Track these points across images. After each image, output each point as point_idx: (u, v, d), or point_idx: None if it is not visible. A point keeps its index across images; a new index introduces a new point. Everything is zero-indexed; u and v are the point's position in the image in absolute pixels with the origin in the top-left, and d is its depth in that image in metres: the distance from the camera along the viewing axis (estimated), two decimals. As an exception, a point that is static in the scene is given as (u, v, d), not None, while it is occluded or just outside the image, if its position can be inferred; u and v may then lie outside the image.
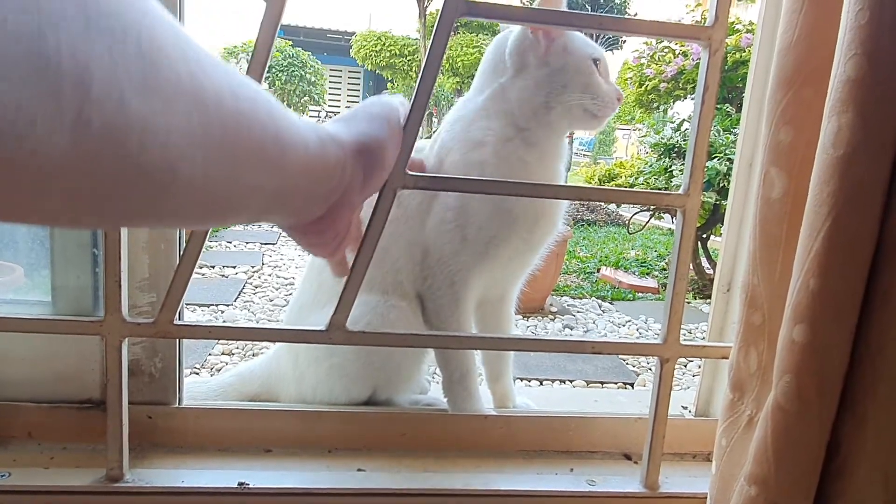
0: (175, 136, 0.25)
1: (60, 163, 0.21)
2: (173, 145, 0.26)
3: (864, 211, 0.42)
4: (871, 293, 0.43)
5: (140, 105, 0.23)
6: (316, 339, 0.62)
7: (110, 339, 0.60)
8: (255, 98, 0.32)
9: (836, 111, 0.42)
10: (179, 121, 0.25)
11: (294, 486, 0.64)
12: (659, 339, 0.64)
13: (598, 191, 0.66)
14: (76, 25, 0.20)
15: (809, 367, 0.44)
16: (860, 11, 0.41)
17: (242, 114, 0.30)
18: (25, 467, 0.64)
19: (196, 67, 0.26)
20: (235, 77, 0.30)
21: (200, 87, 0.27)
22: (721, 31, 0.59)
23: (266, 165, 0.34)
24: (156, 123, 0.24)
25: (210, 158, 0.29)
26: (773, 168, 0.54)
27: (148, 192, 0.26)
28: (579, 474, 0.69)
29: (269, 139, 0.33)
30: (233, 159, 0.31)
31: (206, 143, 0.28)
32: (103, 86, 0.21)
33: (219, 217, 0.35)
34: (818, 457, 0.45)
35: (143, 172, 0.25)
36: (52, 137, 0.20)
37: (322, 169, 0.41)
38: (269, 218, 0.41)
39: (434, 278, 0.76)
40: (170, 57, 0.25)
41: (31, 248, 0.71)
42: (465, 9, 0.56)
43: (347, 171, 0.44)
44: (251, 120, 0.31)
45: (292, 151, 0.36)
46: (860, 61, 0.41)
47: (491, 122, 0.77)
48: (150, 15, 0.24)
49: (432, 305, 0.77)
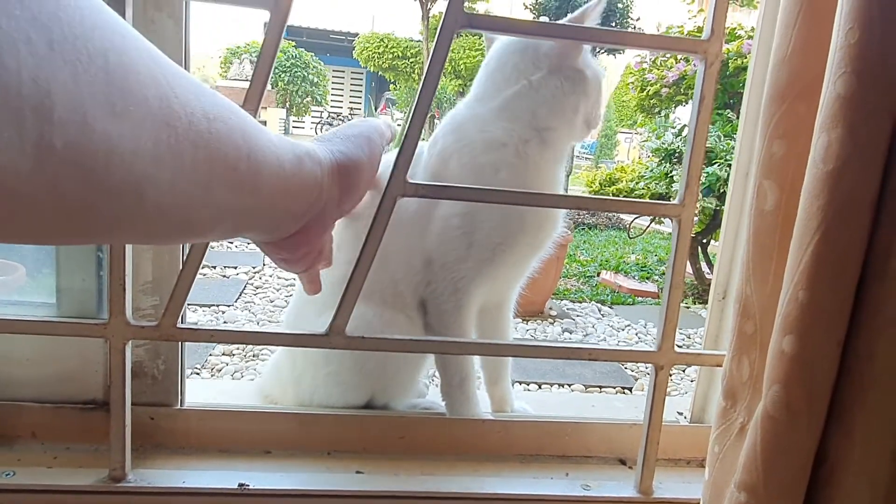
0: (142, 159, 0.26)
1: (25, 184, 0.21)
2: (140, 167, 0.26)
3: (853, 225, 0.43)
4: (860, 305, 0.44)
5: (105, 128, 0.23)
6: (316, 344, 0.63)
7: (114, 342, 0.61)
8: (228, 119, 0.32)
9: (827, 127, 0.43)
10: (147, 143, 0.26)
11: (293, 487, 0.65)
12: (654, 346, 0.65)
13: (596, 200, 0.67)
14: (39, 49, 0.20)
15: (798, 377, 0.45)
16: (850, 30, 0.42)
17: (214, 135, 0.30)
18: (29, 466, 0.65)
19: (167, 90, 0.27)
20: (210, 97, 0.31)
21: (170, 109, 0.27)
22: (717, 45, 0.60)
23: (238, 185, 0.34)
24: (122, 146, 0.24)
25: (179, 180, 0.29)
26: (766, 180, 0.55)
27: (115, 213, 0.27)
28: (574, 479, 0.70)
29: (242, 160, 0.34)
30: (204, 180, 0.31)
31: (174, 165, 0.28)
32: (66, 109, 0.21)
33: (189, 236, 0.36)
34: (806, 465, 0.46)
35: (109, 194, 0.25)
36: (14, 161, 0.20)
37: (298, 187, 0.42)
38: (242, 235, 0.42)
39: (437, 284, 0.77)
40: (139, 79, 0.25)
41: (37, 250, 0.73)
42: (466, 21, 0.57)
43: (324, 190, 0.45)
44: (223, 141, 0.31)
45: (266, 171, 0.37)
46: (850, 79, 0.42)
47: (513, 124, 0.77)
48: (120, 36, 0.24)
49: (435, 311, 0.78)
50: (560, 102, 0.77)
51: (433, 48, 0.58)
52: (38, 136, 0.20)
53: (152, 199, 0.28)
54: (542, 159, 0.78)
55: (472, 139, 0.77)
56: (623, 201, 0.68)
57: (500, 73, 0.79)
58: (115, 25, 0.24)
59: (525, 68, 0.77)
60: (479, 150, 0.76)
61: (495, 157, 0.75)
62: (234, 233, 0.39)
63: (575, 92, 0.78)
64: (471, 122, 0.78)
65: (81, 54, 0.22)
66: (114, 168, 0.24)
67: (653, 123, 4.39)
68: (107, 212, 0.26)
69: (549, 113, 0.77)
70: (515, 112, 0.77)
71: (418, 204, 0.76)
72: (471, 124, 0.78)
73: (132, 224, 0.29)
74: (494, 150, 0.75)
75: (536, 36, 0.72)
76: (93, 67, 0.22)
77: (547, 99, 0.77)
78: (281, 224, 0.43)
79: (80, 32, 0.22)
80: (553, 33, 0.63)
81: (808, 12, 0.51)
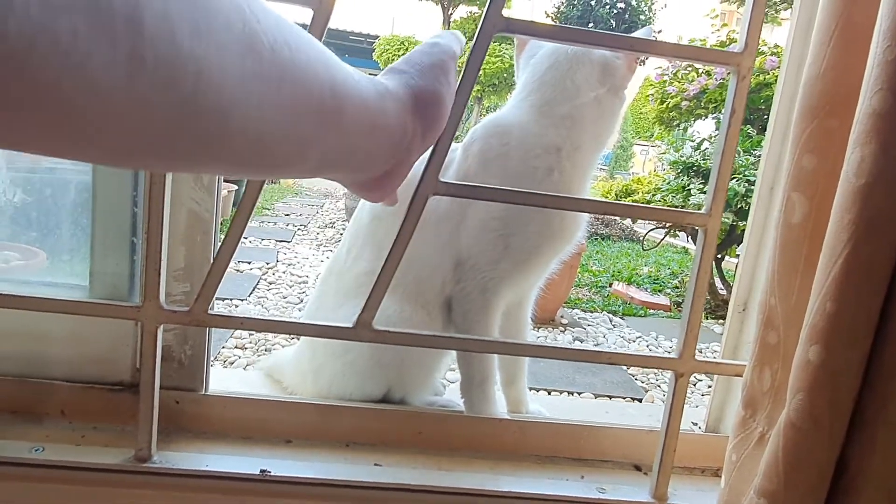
0: (228, 81, 0.26)
1: (117, 98, 0.21)
2: (227, 90, 0.26)
3: (883, 239, 0.43)
4: (886, 319, 0.45)
5: (193, 47, 0.23)
6: (343, 336, 0.64)
7: (147, 325, 0.62)
8: (309, 51, 0.31)
9: (860, 142, 0.44)
10: (233, 66, 0.26)
11: (313, 476, 0.66)
12: (673, 353, 0.66)
13: (623, 206, 0.68)
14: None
15: (822, 386, 0.45)
16: (888, 48, 0.43)
17: (298, 65, 0.30)
18: (58, 443, 0.66)
19: (250, 16, 0.26)
20: (291, 29, 0.30)
21: (254, 34, 0.27)
22: (750, 59, 0.61)
23: (323, 119, 0.34)
24: (209, 66, 0.24)
25: (264, 107, 0.29)
26: (795, 193, 0.55)
27: (201, 136, 0.27)
28: (590, 482, 0.71)
29: (326, 93, 0.33)
30: (288, 110, 0.31)
31: (260, 91, 0.28)
32: (155, 24, 0.21)
33: (273, 169, 0.35)
34: (827, 474, 0.47)
35: (196, 114, 0.25)
36: (108, 71, 0.20)
37: (383, 126, 0.41)
38: (329, 174, 0.41)
39: (467, 283, 0.78)
40: (221, 2, 0.25)
41: (73, 233, 0.75)
42: (504, 25, 0.59)
43: (408, 128, 0.43)
44: (307, 72, 0.31)
45: (351, 107, 0.36)
46: (886, 96, 0.43)
47: (570, 131, 0.81)
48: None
49: (461, 309, 0.79)
50: (613, 118, 0.84)
51: (471, 50, 0.59)
52: (130, 49, 0.20)
53: (238, 125, 0.28)
54: (586, 166, 0.83)
55: (527, 141, 0.79)
56: (652, 208, 0.68)
57: (569, 82, 0.81)
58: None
59: (593, 83, 0.82)
60: (534, 152, 0.79)
61: (551, 160, 0.79)
62: (319, 171, 0.38)
63: (620, 112, 0.84)
64: (524, 125, 0.81)
65: None
66: (201, 88, 0.24)
67: (671, 136, 4.38)
68: (193, 134, 0.26)
69: (606, 127, 0.83)
70: (577, 121, 0.81)
71: (450, 204, 0.78)
72: (524, 128, 0.81)
73: (218, 149, 0.29)
74: (549, 154, 0.79)
75: (568, 42, 0.73)
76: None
77: (606, 114, 0.83)
78: (367, 165, 0.42)
79: None
80: (584, 40, 0.64)
81: (844, 31, 0.52)
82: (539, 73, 0.84)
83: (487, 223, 0.77)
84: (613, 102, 0.83)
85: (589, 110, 0.81)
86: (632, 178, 5.05)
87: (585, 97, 0.81)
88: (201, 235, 0.70)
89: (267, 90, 0.28)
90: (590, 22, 8.48)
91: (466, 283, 0.78)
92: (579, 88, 0.81)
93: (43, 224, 0.76)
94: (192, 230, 0.70)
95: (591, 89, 0.81)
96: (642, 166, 12.63)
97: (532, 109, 0.82)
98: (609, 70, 0.82)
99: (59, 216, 0.75)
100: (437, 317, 0.81)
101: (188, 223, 0.70)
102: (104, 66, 0.20)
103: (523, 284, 0.84)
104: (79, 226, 0.73)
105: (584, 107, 0.81)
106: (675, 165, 3.45)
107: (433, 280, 0.80)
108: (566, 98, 0.81)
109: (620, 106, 0.84)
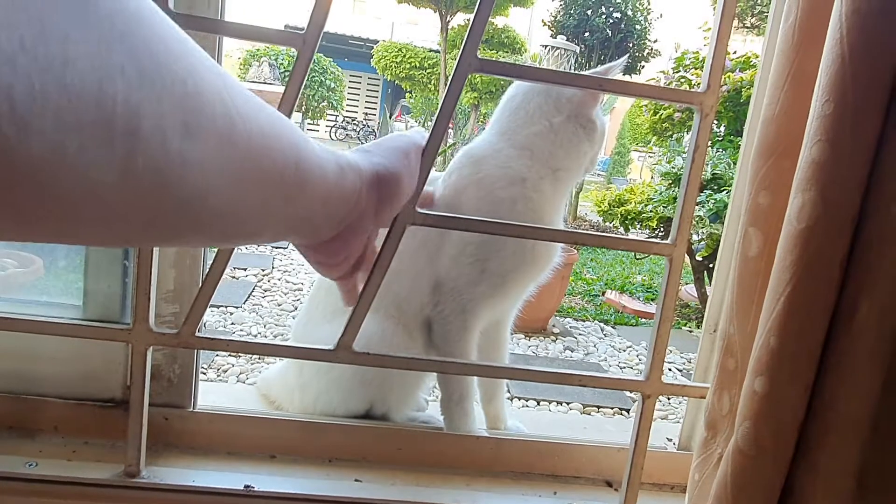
0: (208, 172, 0.29)
1: (111, 195, 0.25)
2: (205, 179, 0.29)
3: (822, 280, 0.47)
4: (827, 354, 0.48)
5: (180, 146, 0.26)
6: (324, 358, 0.67)
7: (136, 347, 0.65)
8: (280, 134, 0.35)
9: (802, 188, 0.47)
10: (214, 157, 0.29)
11: (295, 491, 0.69)
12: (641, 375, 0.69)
13: (591, 236, 0.71)
14: (132, 79, 0.23)
15: (767, 416, 0.48)
16: (826, 102, 0.46)
17: (268, 148, 0.34)
18: (50, 458, 0.69)
19: (231, 109, 0.30)
20: (265, 112, 0.34)
21: (232, 126, 0.30)
22: (712, 98, 0.64)
23: (287, 194, 0.38)
24: (192, 161, 0.27)
25: (236, 189, 0.32)
26: (752, 228, 0.59)
27: (182, 219, 0.30)
28: (562, 498, 0.74)
29: (291, 170, 0.37)
30: (257, 189, 0.34)
31: (234, 178, 0.31)
32: (149, 131, 0.24)
33: (240, 239, 0.39)
34: (772, 498, 0.50)
35: (179, 203, 0.29)
36: (104, 175, 0.24)
37: (339, 196, 0.45)
38: (286, 238, 0.45)
39: (445, 305, 0.81)
40: (210, 100, 0.28)
41: (68, 254, 0.77)
42: (478, 65, 0.62)
43: (363, 198, 0.48)
44: (275, 154, 0.35)
45: (311, 180, 0.40)
46: (823, 147, 0.46)
47: (532, 161, 0.83)
48: (197, 60, 0.28)
49: (440, 330, 0.82)
50: (575, 147, 0.84)
51: (447, 89, 0.63)
52: (124, 154, 0.24)
53: (214, 208, 0.31)
54: (553, 195, 0.85)
55: (491, 173, 0.82)
56: (618, 239, 0.71)
57: (524, 112, 0.84)
58: (193, 50, 0.28)
59: (547, 111, 0.83)
60: (499, 184, 0.81)
61: (514, 192, 0.81)
62: (280, 237, 0.43)
63: (587, 139, 0.85)
64: (491, 157, 0.83)
65: (165, 81, 0.25)
66: (185, 181, 0.28)
67: (667, 144, 4.42)
68: (176, 218, 0.30)
69: (565, 155, 0.84)
70: (535, 150, 0.83)
71: (429, 230, 0.80)
72: (491, 159, 0.83)
73: (196, 228, 0.32)
74: (514, 185, 0.81)
75: (540, 81, 0.76)
76: (174, 93, 0.26)
77: (564, 142, 0.83)
78: (320, 229, 0.47)
79: (163, 61, 0.25)
80: (559, 80, 0.67)
81: (795, 77, 0.55)
82: (502, 104, 0.88)
83: (464, 248, 0.80)
84: (574, 130, 0.83)
85: (543, 139, 0.83)
86: (627, 185, 5.09)
87: (540, 125, 0.83)
88: (190, 259, 0.73)
89: (241, 175, 0.32)
90: (586, 31, 8.53)
91: (445, 306, 0.81)
92: (531, 116, 0.83)
93: (39, 247, 0.79)
94: (181, 255, 0.73)
95: (544, 117, 0.83)
96: (640, 172, 12.69)
97: (498, 138, 0.85)
98: (565, 96, 0.83)
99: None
100: (418, 337, 0.84)
101: (178, 249, 0.73)
102: (101, 170, 0.23)
103: (501, 306, 0.87)
104: (73, 249, 0.76)
105: (539, 135, 0.83)
106: (667, 177, 3.49)
107: (412, 302, 0.83)
108: (519, 127, 0.84)
109: (586, 133, 0.84)
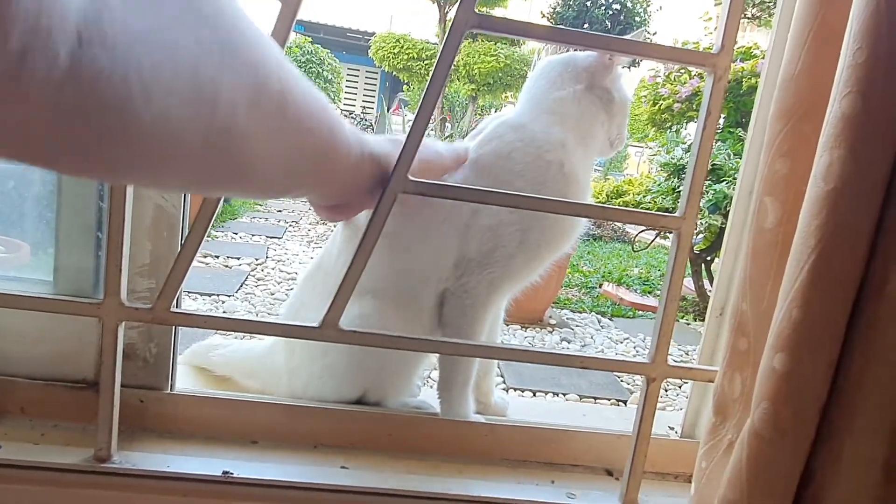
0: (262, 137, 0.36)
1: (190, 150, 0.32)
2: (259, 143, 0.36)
3: (850, 246, 0.42)
4: (853, 328, 0.44)
5: (245, 114, 0.33)
6: (309, 336, 0.63)
7: (107, 322, 0.61)
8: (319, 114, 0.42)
9: (829, 146, 0.43)
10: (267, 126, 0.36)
11: (278, 478, 0.65)
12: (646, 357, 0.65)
13: (599, 209, 0.67)
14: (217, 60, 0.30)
15: (787, 395, 0.44)
16: (858, 50, 0.42)
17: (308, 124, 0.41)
18: (16, 442, 0.65)
19: (285, 89, 0.37)
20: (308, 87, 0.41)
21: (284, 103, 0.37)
22: (726, 59, 0.60)
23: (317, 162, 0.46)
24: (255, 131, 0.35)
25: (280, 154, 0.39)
26: (768, 197, 0.55)
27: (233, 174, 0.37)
28: (560, 486, 0.70)
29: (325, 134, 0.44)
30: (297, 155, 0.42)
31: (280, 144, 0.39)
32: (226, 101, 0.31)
33: (271, 194, 0.46)
34: (791, 485, 0.46)
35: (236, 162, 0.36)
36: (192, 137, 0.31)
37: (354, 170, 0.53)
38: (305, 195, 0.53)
39: (471, 277, 0.78)
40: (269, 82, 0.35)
41: (37, 227, 0.73)
42: (476, 21, 0.57)
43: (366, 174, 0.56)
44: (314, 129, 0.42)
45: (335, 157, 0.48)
46: (855, 99, 0.42)
47: (563, 128, 0.82)
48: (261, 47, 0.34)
49: (459, 304, 0.78)
50: (594, 116, 0.84)
51: (442, 46, 0.58)
52: (207, 121, 0.31)
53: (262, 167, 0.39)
54: (586, 163, 0.84)
55: (538, 137, 0.81)
56: (625, 210, 0.67)
57: (546, 80, 0.84)
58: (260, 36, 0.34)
59: (568, 79, 0.83)
60: (546, 146, 0.80)
61: (560, 154, 0.80)
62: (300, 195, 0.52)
63: (605, 109, 0.84)
64: (530, 123, 0.83)
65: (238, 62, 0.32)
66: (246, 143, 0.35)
67: (663, 138, 4.38)
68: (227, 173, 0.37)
69: (588, 124, 0.83)
70: (564, 118, 0.82)
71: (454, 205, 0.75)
72: (532, 125, 0.82)
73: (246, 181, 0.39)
74: (557, 149, 0.80)
75: (544, 40, 0.72)
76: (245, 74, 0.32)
77: (585, 112, 0.83)
78: (333, 196, 0.57)
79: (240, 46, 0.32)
80: (563, 39, 0.63)
81: (819, 32, 0.51)
82: (529, 79, 0.88)
83: (506, 217, 0.78)
84: (592, 100, 0.83)
85: (570, 106, 0.83)
86: (624, 178, 5.05)
87: (564, 91, 0.83)
88: (167, 230, 0.69)
89: (285, 140, 0.39)
90: (585, 23, 8.50)
91: (470, 278, 0.78)
92: (553, 83, 0.83)
93: (6, 217, 0.74)
94: (158, 225, 0.69)
95: (566, 84, 0.83)
96: (637, 167, 12.64)
97: (532, 107, 0.85)
98: (580, 66, 0.83)
99: (23, 210, 0.73)
100: (425, 318, 0.80)
101: (154, 218, 0.68)
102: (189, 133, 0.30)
103: (526, 281, 0.85)
104: (42, 219, 0.72)
105: (564, 101, 0.82)
106: (666, 167, 3.44)
107: (428, 279, 0.79)
108: (545, 94, 0.84)
109: (602, 103, 0.84)
